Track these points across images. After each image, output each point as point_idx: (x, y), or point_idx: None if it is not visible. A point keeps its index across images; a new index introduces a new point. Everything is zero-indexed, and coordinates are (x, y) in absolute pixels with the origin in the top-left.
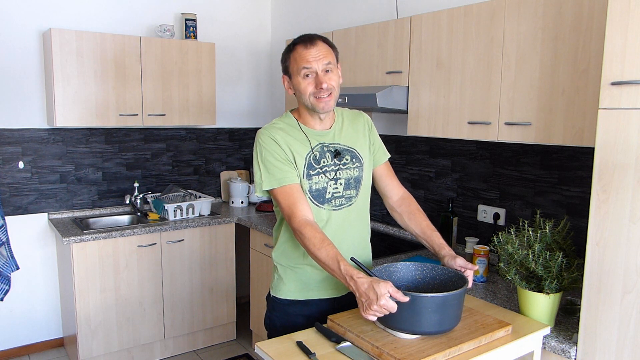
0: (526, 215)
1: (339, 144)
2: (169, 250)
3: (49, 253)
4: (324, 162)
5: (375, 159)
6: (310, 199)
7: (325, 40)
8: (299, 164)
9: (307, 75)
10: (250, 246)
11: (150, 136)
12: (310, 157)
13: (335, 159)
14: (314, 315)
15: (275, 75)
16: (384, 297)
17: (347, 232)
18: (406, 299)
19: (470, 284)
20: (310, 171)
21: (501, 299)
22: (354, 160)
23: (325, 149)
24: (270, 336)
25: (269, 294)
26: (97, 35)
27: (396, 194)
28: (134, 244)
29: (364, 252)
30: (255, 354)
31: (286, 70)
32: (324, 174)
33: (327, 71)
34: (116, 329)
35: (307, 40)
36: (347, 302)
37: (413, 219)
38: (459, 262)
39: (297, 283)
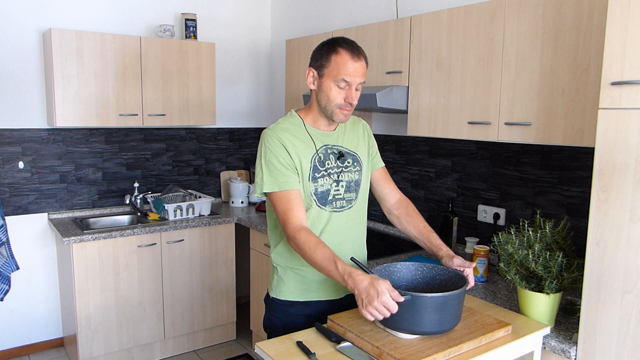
0: (526, 215)
1: (342, 147)
2: (169, 250)
3: (49, 253)
4: (328, 163)
5: (372, 164)
6: (315, 201)
7: (366, 58)
8: (305, 167)
9: (342, 87)
10: (250, 246)
11: (150, 136)
12: (315, 159)
13: (338, 161)
14: (314, 315)
15: (275, 75)
16: (385, 295)
17: (347, 234)
18: (402, 299)
19: (472, 282)
20: (316, 174)
21: (501, 299)
22: (355, 163)
23: (329, 150)
24: (270, 338)
25: (268, 295)
26: (97, 35)
27: (393, 197)
28: (134, 244)
29: (361, 254)
30: (255, 354)
31: (320, 67)
32: (329, 176)
33: (357, 89)
34: (116, 329)
35: (355, 51)
36: (348, 303)
37: (410, 221)
38: (457, 262)
39: (297, 284)
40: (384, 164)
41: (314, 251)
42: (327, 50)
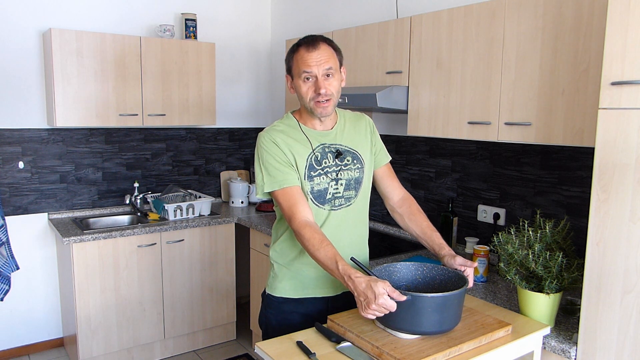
0: (526, 215)
1: (341, 145)
2: (169, 250)
3: (49, 253)
4: (325, 162)
5: (376, 161)
6: (312, 199)
7: (329, 43)
8: (300, 165)
9: (307, 79)
10: (250, 246)
11: (150, 136)
12: (311, 158)
13: (336, 160)
14: (309, 313)
15: (275, 75)
16: (382, 296)
17: (345, 232)
18: (403, 297)
19: (471, 282)
20: (312, 172)
21: (501, 299)
22: (355, 161)
23: (327, 149)
24: (265, 334)
25: (265, 291)
26: (97, 35)
27: (397, 195)
28: (134, 244)
29: (362, 252)
30: (255, 354)
31: (289, 70)
32: (326, 175)
33: (327, 76)
34: (116, 329)
35: (310, 42)
36: (343, 301)
37: (413, 219)
38: (458, 261)
39: (292, 281)
40: (389, 159)
41: (318, 249)
42: (290, 53)
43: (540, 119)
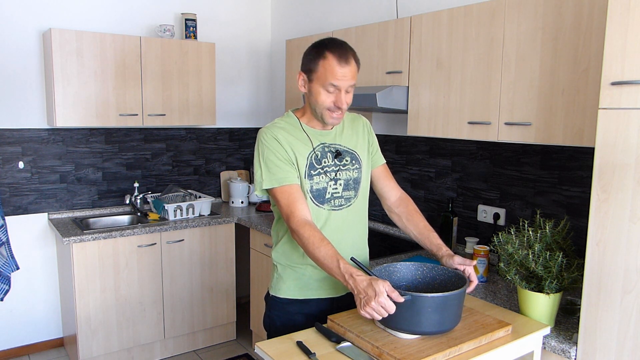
0: (526, 215)
1: (340, 145)
2: (169, 250)
3: (49, 253)
4: (324, 162)
5: (373, 161)
6: (311, 198)
7: (356, 59)
8: (301, 163)
9: (330, 91)
10: (250, 246)
11: (150, 136)
12: (312, 156)
13: (335, 160)
14: (313, 313)
15: (275, 75)
16: (383, 295)
17: (346, 232)
18: (402, 299)
19: (475, 280)
20: (312, 171)
21: (501, 299)
22: (353, 161)
23: (327, 149)
24: (269, 336)
25: (268, 293)
26: (97, 35)
27: (394, 195)
28: (134, 244)
29: (362, 252)
30: (255, 354)
31: (308, 71)
32: (325, 174)
33: (347, 91)
34: (116, 329)
35: (343, 55)
36: (347, 302)
37: (411, 220)
38: (457, 260)
39: (296, 282)
40: (385, 161)
41: (317, 248)
42: (315, 55)
43: (540, 119)
